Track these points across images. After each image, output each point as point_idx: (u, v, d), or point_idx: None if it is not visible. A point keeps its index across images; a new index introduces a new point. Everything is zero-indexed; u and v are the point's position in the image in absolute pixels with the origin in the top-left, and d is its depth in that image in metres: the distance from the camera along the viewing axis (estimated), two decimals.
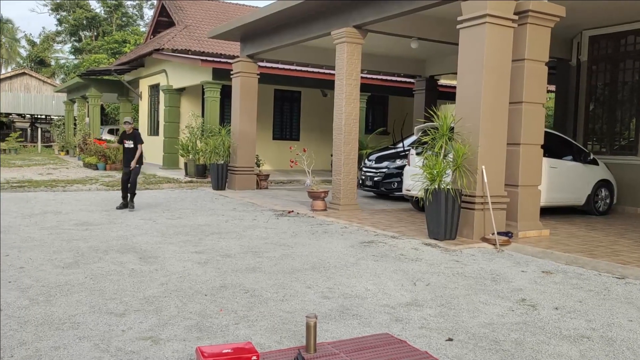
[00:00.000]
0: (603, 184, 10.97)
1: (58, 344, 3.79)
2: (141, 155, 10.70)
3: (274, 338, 4.04)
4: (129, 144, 10.62)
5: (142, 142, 10.72)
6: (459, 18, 8.01)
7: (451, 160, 7.70)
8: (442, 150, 7.71)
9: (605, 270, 6.25)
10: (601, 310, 4.84)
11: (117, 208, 10.31)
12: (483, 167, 7.67)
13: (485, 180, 7.65)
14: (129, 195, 10.48)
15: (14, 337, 3.89)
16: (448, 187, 7.65)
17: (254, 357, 3.41)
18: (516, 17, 7.85)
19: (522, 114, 8.03)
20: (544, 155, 9.74)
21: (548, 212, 10.58)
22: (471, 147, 7.66)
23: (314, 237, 7.97)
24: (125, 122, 10.90)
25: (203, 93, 18.08)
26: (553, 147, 10.24)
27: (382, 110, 23.38)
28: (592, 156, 10.82)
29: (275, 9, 11.29)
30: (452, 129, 7.99)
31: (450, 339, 4.08)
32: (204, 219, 9.47)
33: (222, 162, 14.32)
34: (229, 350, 3.46)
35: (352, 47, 10.50)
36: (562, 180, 10.19)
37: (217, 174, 14.12)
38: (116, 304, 4.69)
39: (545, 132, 10.21)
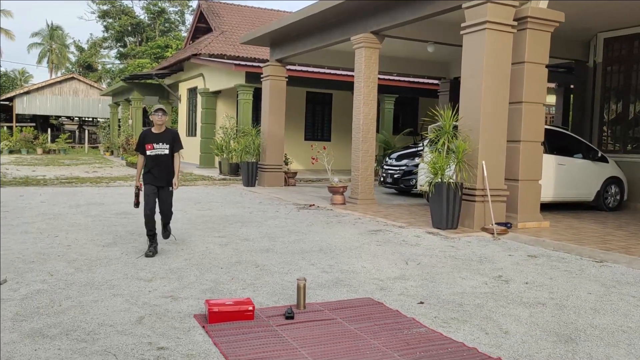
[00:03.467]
0: (613, 180, 11.37)
1: (97, 298, 4.67)
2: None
3: (273, 299, 4.83)
4: (162, 148, 6.60)
5: (181, 147, 6.87)
6: (462, 24, 8.66)
7: (453, 151, 8.35)
8: (444, 147, 8.37)
9: (587, 256, 6.81)
10: (567, 285, 5.45)
11: (146, 255, 6.31)
12: (483, 162, 8.29)
13: (485, 174, 8.27)
14: (161, 225, 6.89)
15: (62, 293, 4.79)
16: (450, 180, 8.30)
17: (250, 307, 4.20)
18: (515, 23, 8.45)
19: (522, 113, 8.61)
20: (553, 153, 10.32)
21: (558, 207, 11.08)
22: (472, 143, 8.29)
23: (327, 227, 8.74)
24: (156, 111, 6.61)
25: (237, 95, 19.06)
26: (562, 145, 10.76)
27: (412, 111, 23.93)
28: (600, 154, 11.25)
29: (298, 17, 12.12)
30: (456, 127, 8.64)
31: (421, 302, 4.79)
32: (231, 210, 10.35)
33: (253, 160, 15.24)
34: (231, 303, 4.26)
35: (369, 52, 11.23)
36: (571, 176, 10.67)
37: (247, 171, 15.03)
38: (145, 273, 5.57)
39: (554, 130, 10.79)
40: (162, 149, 6.62)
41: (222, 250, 6.79)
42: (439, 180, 8.30)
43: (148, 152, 6.60)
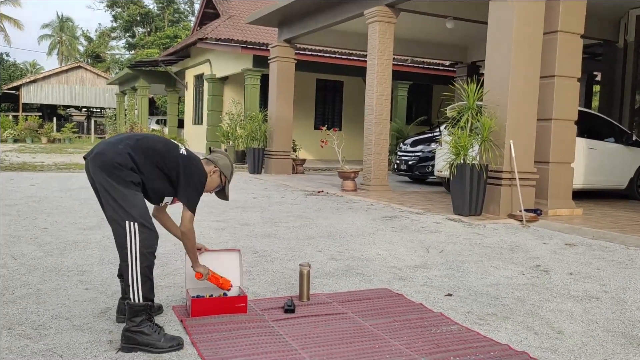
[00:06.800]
0: None
1: (60, 286, 3.90)
2: None
3: (272, 289, 4.04)
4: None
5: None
6: None
7: (478, 134, 7.51)
8: (468, 124, 7.53)
9: (634, 245, 5.96)
10: (619, 277, 4.62)
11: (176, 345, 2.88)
12: (511, 141, 7.44)
13: (513, 155, 7.43)
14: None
15: (20, 279, 4.03)
16: (474, 161, 7.46)
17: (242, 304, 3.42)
18: None
19: (555, 88, 7.75)
20: (583, 136, 9.43)
21: (586, 195, 10.22)
22: (499, 120, 7.45)
23: (337, 212, 7.94)
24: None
25: (245, 81, 18.28)
26: (593, 128, 9.88)
27: (426, 99, 23.03)
28: (635, 138, 10.34)
29: None
30: (479, 107, 7.80)
31: (449, 295, 3.98)
32: (233, 196, 9.55)
33: (259, 146, 14.45)
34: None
35: (384, 27, 10.39)
36: (602, 162, 9.78)
37: (253, 158, 14.25)
38: None
39: (585, 112, 9.89)
40: None
41: (218, 234, 6.01)
42: (461, 161, 7.46)
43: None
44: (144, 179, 3.00)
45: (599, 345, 3.06)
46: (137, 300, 2.87)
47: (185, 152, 3.19)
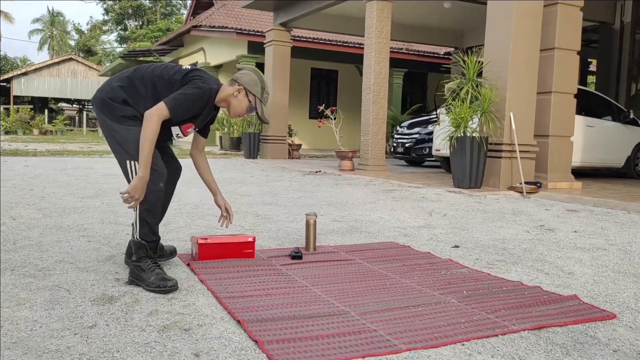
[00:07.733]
0: None
1: (61, 239, 3.84)
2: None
3: (276, 242, 4.00)
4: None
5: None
6: None
7: (478, 105, 7.48)
8: (469, 96, 7.50)
9: (635, 211, 5.95)
10: (624, 234, 4.60)
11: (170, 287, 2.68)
12: (511, 113, 7.42)
13: (514, 127, 7.40)
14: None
15: (21, 234, 3.96)
16: (474, 134, 7.44)
17: (250, 239, 3.37)
18: None
19: (554, 61, 7.73)
20: (581, 114, 9.42)
21: (583, 174, 10.23)
22: (499, 92, 7.43)
23: (336, 187, 7.90)
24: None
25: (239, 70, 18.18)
26: (590, 106, 9.87)
27: (421, 88, 23.03)
28: (632, 116, 10.36)
29: None
30: (480, 74, 7.78)
31: (456, 246, 3.95)
32: (230, 174, 9.52)
33: (255, 131, 14.39)
34: (224, 236, 3.43)
35: (382, 5, 10.34)
36: (600, 140, 9.79)
37: (249, 143, 14.18)
38: (127, 219, 4.73)
39: (583, 90, 9.88)
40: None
41: None
42: (462, 133, 7.43)
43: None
44: (145, 106, 2.74)
45: (611, 282, 3.04)
46: (135, 238, 2.83)
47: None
